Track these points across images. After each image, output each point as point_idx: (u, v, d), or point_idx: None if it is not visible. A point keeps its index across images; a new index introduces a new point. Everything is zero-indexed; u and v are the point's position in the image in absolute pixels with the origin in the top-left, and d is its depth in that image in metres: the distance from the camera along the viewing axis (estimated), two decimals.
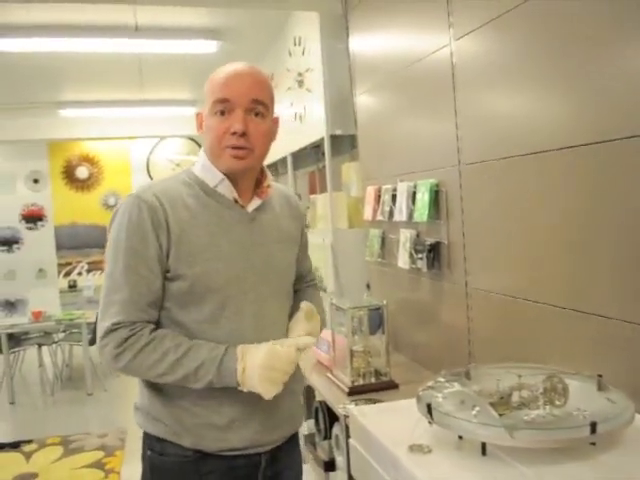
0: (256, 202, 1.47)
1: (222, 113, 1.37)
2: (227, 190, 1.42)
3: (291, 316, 1.53)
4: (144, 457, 1.46)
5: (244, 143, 1.37)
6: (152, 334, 1.34)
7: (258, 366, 1.32)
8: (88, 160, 8.71)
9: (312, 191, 4.44)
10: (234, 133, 1.36)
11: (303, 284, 1.67)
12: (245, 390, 1.34)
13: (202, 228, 1.38)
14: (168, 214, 1.36)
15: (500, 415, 1.23)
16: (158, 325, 1.38)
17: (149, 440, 1.44)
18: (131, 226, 1.34)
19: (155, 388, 1.41)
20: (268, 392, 1.34)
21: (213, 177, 1.42)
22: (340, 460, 2.30)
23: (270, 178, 1.52)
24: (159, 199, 1.37)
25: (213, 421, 1.38)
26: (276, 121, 1.49)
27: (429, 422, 1.29)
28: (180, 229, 1.36)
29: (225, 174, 1.41)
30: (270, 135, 1.45)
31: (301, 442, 2.68)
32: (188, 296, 1.37)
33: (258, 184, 1.49)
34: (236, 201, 1.44)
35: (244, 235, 1.44)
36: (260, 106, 1.39)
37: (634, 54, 1.35)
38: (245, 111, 1.37)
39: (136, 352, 1.31)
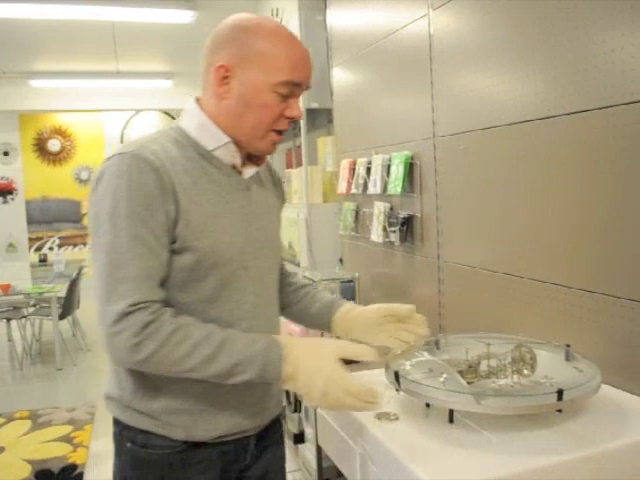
0: (252, 169, 1.33)
1: (286, 96, 1.24)
2: (228, 155, 1.28)
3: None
4: (121, 450, 1.31)
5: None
6: (175, 320, 1.13)
7: (316, 387, 1.13)
8: (60, 133, 8.55)
9: (289, 168, 4.39)
10: (291, 119, 1.26)
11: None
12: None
13: (204, 196, 1.23)
14: (172, 176, 1.17)
15: (468, 383, 1.23)
16: None
17: (128, 432, 1.28)
18: (132, 190, 1.12)
19: (141, 378, 1.24)
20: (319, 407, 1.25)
21: (215, 139, 1.27)
22: (309, 432, 2.30)
23: None
24: (160, 158, 1.17)
25: (206, 408, 1.26)
26: None
27: (397, 390, 1.28)
28: (186, 196, 1.19)
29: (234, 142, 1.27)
30: None
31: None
32: (191, 273, 1.20)
33: None
34: (234, 167, 1.30)
35: (242, 205, 1.30)
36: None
37: (611, 27, 1.34)
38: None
39: (161, 342, 1.10)
